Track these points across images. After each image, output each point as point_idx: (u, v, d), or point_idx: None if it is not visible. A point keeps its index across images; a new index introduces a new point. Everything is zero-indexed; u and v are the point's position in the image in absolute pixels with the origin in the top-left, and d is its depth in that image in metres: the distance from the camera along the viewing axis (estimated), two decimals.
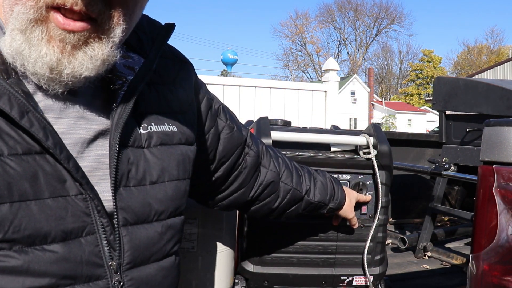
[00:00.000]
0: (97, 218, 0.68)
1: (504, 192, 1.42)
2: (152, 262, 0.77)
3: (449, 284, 2.46)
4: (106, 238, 0.69)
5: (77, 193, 0.66)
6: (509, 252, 1.40)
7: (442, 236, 3.06)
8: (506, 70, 24.27)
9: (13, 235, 0.60)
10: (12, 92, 0.62)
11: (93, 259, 0.68)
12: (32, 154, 0.63)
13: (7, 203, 0.60)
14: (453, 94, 3.15)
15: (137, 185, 0.74)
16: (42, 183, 0.63)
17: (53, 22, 0.61)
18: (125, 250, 0.72)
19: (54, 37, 0.62)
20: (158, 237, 0.77)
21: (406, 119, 42.21)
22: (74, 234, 0.66)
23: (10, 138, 0.62)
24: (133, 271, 0.73)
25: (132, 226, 0.73)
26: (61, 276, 0.64)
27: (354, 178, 1.56)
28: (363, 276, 1.56)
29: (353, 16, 56.28)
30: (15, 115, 0.61)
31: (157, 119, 0.80)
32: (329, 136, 1.61)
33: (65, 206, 0.65)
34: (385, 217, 1.59)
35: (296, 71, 55.87)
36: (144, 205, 0.75)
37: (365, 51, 57.14)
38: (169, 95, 0.84)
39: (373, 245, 1.56)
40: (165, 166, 0.79)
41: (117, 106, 0.73)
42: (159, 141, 0.79)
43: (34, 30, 0.61)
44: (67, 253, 0.65)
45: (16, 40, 0.61)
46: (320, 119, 5.50)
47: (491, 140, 1.48)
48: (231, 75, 34.49)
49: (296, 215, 1.28)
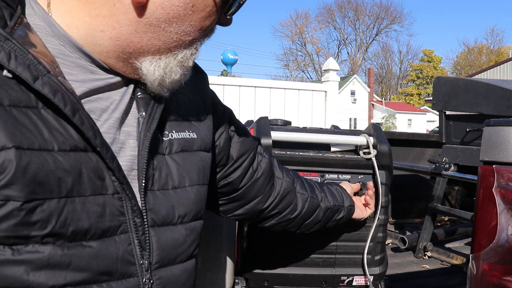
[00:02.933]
0: (130, 218, 0.71)
1: (504, 192, 1.42)
2: (177, 263, 0.79)
3: (449, 284, 2.46)
4: (138, 237, 0.72)
5: (113, 192, 0.69)
6: (509, 252, 1.40)
7: (442, 236, 3.05)
8: (506, 70, 24.28)
9: (59, 229, 0.62)
10: (64, 89, 0.63)
11: (127, 257, 0.70)
12: (77, 151, 0.65)
13: (56, 198, 0.62)
14: (453, 94, 3.15)
15: (161, 189, 0.77)
16: (85, 181, 0.65)
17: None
18: (154, 250, 0.74)
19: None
20: (182, 239, 0.80)
21: (406, 119, 42.21)
22: (110, 232, 0.68)
23: (59, 134, 0.63)
24: (161, 270, 0.76)
25: (159, 227, 0.76)
26: (99, 272, 0.66)
27: (354, 178, 1.56)
28: (363, 276, 1.56)
29: (353, 16, 56.31)
30: (69, 112, 0.63)
31: (178, 126, 0.83)
32: (329, 136, 1.61)
33: (104, 204, 0.67)
34: (385, 217, 1.59)
35: (296, 71, 55.90)
36: (168, 208, 0.78)
37: (365, 51, 57.16)
38: (187, 104, 0.88)
39: (373, 245, 1.56)
40: (186, 171, 0.82)
41: (146, 113, 0.76)
42: (179, 147, 0.82)
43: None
44: (104, 250, 0.67)
45: (172, 66, 0.74)
46: (320, 119, 5.50)
47: (491, 140, 1.48)
48: (231, 75, 34.47)
49: (316, 223, 1.27)
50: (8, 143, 0.58)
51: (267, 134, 1.52)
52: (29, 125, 0.61)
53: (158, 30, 0.69)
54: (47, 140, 0.62)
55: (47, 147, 0.61)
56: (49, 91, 0.62)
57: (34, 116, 0.61)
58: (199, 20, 0.71)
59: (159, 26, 0.69)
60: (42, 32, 0.67)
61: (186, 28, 0.71)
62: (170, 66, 0.74)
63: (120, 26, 0.68)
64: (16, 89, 0.61)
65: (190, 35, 0.72)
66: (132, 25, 0.68)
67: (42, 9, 0.68)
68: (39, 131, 0.61)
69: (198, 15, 0.71)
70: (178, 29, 0.70)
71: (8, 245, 0.59)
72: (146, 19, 0.68)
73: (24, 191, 0.58)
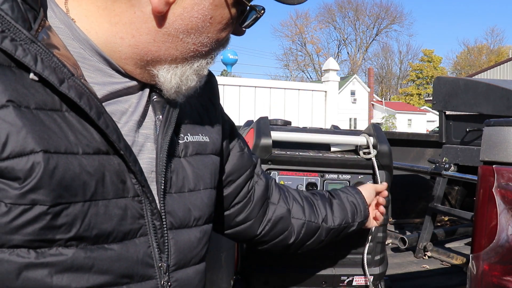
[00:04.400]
0: (150, 220, 0.71)
1: (504, 192, 1.42)
2: (192, 265, 0.80)
3: (449, 284, 2.46)
4: (157, 240, 0.72)
5: (134, 194, 0.69)
6: (509, 252, 1.40)
7: (442, 236, 3.06)
8: (506, 70, 24.28)
9: (83, 233, 0.62)
10: (88, 92, 0.64)
11: (146, 259, 0.71)
12: (100, 154, 0.65)
13: (81, 202, 0.62)
14: (453, 94, 3.15)
15: (178, 192, 0.78)
16: (108, 184, 0.66)
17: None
18: (172, 252, 0.75)
19: None
20: (197, 241, 0.81)
21: (406, 119, 42.20)
22: (131, 235, 0.69)
23: (83, 137, 0.64)
24: (178, 272, 0.77)
25: (176, 230, 0.77)
26: (120, 274, 0.67)
27: (354, 178, 1.57)
28: (363, 276, 1.56)
29: (353, 16, 56.31)
30: (94, 115, 0.63)
31: (192, 129, 0.84)
32: (329, 136, 1.61)
33: (126, 207, 0.68)
34: (385, 217, 1.59)
35: (296, 71, 55.90)
36: (185, 210, 0.79)
37: (365, 51, 57.16)
38: (200, 108, 0.89)
39: (373, 245, 1.56)
40: (201, 174, 0.83)
41: (162, 116, 0.77)
42: (194, 150, 0.83)
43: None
44: (125, 253, 0.67)
45: (189, 75, 0.75)
46: (320, 119, 5.50)
47: (491, 140, 1.48)
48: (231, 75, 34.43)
49: (319, 243, 1.23)
50: (37, 147, 0.58)
51: (267, 134, 1.52)
52: (55, 128, 0.61)
53: (176, 40, 0.70)
54: (72, 143, 0.62)
55: (73, 151, 0.62)
56: (75, 94, 0.62)
57: (59, 119, 0.62)
58: (216, 31, 0.73)
59: (178, 36, 0.70)
60: (63, 35, 0.67)
61: (204, 39, 0.72)
62: (187, 74, 0.75)
63: (140, 34, 0.69)
64: (41, 92, 0.61)
65: (207, 46, 0.74)
66: (151, 34, 0.69)
67: (62, 11, 0.68)
68: (64, 134, 0.61)
69: (216, 27, 0.72)
70: (196, 40, 0.72)
71: (33, 248, 0.59)
72: (165, 29, 0.69)
73: (50, 195, 0.58)
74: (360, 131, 1.66)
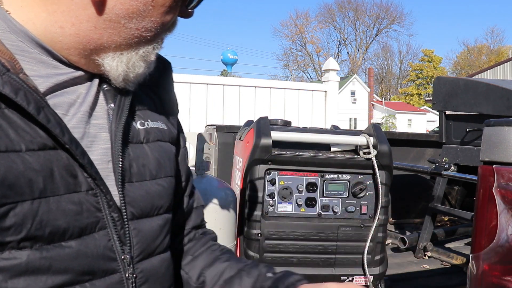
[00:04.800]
0: (107, 213, 0.69)
1: (504, 192, 1.42)
2: (156, 254, 0.79)
3: (449, 284, 2.46)
4: (117, 232, 0.70)
5: (88, 188, 0.67)
6: (509, 252, 1.40)
7: (442, 236, 3.06)
8: (506, 70, 24.27)
9: (35, 232, 0.60)
10: (26, 87, 0.62)
11: (108, 253, 0.69)
12: (46, 150, 0.63)
13: (29, 200, 0.60)
14: (453, 94, 3.15)
15: (139, 180, 0.76)
16: (57, 179, 0.64)
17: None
18: (134, 244, 0.73)
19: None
20: (159, 230, 0.79)
21: (406, 119, 42.21)
22: (88, 229, 0.67)
23: (26, 134, 0.61)
24: (143, 263, 0.75)
25: (138, 220, 0.75)
26: (81, 271, 0.65)
27: (354, 178, 1.57)
28: (363, 276, 1.56)
29: (353, 16, 56.30)
30: (33, 110, 0.61)
31: (151, 116, 0.82)
32: (329, 136, 1.61)
33: (80, 201, 0.66)
34: (385, 217, 1.59)
35: (296, 71, 55.87)
36: (147, 199, 0.77)
37: (365, 51, 57.16)
38: (154, 97, 0.86)
39: (373, 245, 1.56)
40: (162, 162, 0.81)
41: (114, 104, 0.75)
42: (156, 137, 0.81)
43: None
44: (84, 249, 0.65)
45: (134, 60, 0.72)
46: (320, 119, 5.49)
47: (491, 140, 1.48)
48: (231, 75, 34.49)
49: None
50: None
51: (267, 134, 1.52)
52: None
53: (118, 26, 0.68)
54: (13, 140, 0.59)
55: (15, 148, 0.59)
56: (10, 90, 0.60)
57: None
58: (160, 15, 0.71)
59: (119, 22, 0.68)
60: None
61: (147, 24, 0.70)
62: (133, 61, 0.73)
63: (80, 22, 0.67)
64: None
65: (151, 31, 0.71)
66: (92, 22, 0.67)
67: None
68: (4, 132, 0.59)
69: (159, 10, 0.70)
70: (139, 25, 0.69)
71: None
72: (106, 15, 0.67)
73: None
74: (360, 131, 1.66)
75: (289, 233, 1.56)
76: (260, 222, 1.56)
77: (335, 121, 5.35)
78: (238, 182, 1.80)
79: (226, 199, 1.58)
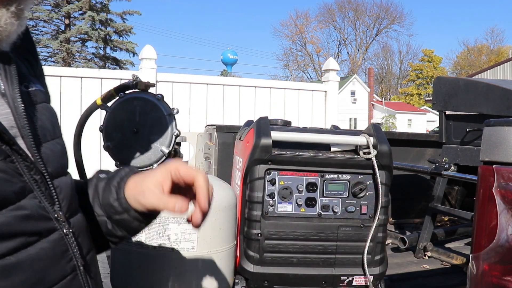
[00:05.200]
0: (29, 177, 0.69)
1: (504, 192, 1.42)
2: (77, 210, 0.81)
3: (449, 284, 2.46)
4: (43, 193, 0.71)
5: (4, 156, 0.67)
6: (509, 252, 1.40)
7: (442, 236, 3.05)
8: (506, 70, 24.26)
9: None
10: None
11: (43, 213, 0.70)
12: None
13: None
14: (453, 94, 3.15)
15: (45, 141, 0.76)
16: None
17: None
18: (61, 201, 0.75)
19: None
20: (72, 187, 0.81)
21: (406, 119, 42.18)
22: (22, 193, 0.68)
23: None
24: (73, 219, 0.77)
25: (57, 178, 0.76)
26: (29, 233, 0.66)
27: (354, 178, 1.57)
28: (363, 276, 1.56)
29: (353, 16, 56.29)
30: None
31: (31, 79, 0.82)
32: (329, 136, 1.61)
33: (4, 169, 0.66)
34: (385, 217, 1.59)
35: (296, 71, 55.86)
36: (55, 159, 0.77)
37: (365, 51, 57.17)
38: (24, 60, 0.85)
39: (373, 245, 1.56)
40: (54, 122, 0.81)
41: (0, 69, 0.73)
42: (41, 99, 0.81)
43: None
44: (26, 211, 0.67)
45: None
46: (320, 119, 5.49)
47: (491, 140, 1.48)
48: (231, 75, 34.50)
49: None
50: None
51: (267, 134, 1.52)
52: None
53: None
54: None
55: None
56: None
57: None
58: None
59: None
60: None
61: None
62: (5, 18, 0.71)
63: None
64: None
65: None
66: None
67: None
68: None
69: None
70: None
71: None
72: None
73: None
74: (360, 131, 1.66)
75: (289, 233, 1.56)
76: (260, 222, 1.56)
77: (335, 121, 5.36)
78: (238, 182, 1.80)
79: (226, 199, 1.58)
